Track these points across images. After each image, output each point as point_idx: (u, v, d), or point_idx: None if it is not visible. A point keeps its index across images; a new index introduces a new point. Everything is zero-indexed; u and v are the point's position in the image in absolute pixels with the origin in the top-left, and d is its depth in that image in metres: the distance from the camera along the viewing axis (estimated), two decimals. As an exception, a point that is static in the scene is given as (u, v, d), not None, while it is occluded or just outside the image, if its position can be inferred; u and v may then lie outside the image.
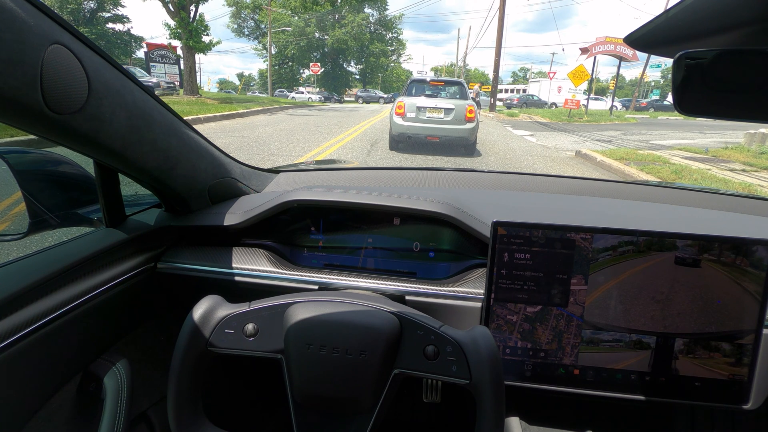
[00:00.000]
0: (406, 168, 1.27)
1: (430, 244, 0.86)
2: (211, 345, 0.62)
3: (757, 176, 7.00)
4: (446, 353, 0.59)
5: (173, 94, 19.35)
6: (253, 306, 0.65)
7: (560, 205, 0.99)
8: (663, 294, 0.68)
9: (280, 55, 50.31)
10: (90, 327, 0.70)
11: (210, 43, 18.72)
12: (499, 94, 28.65)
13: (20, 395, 0.59)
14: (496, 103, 24.10)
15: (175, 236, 0.91)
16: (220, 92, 44.29)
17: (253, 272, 0.83)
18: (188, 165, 0.77)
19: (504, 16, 20.94)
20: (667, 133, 15.25)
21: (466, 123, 7.46)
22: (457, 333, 0.61)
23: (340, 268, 0.87)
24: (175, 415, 0.60)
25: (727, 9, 0.36)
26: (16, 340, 0.56)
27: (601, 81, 61.60)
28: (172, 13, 17.58)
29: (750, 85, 0.41)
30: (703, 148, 10.14)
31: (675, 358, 0.69)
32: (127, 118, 0.59)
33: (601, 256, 0.69)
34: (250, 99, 26.39)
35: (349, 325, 0.61)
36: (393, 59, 58.15)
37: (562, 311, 0.71)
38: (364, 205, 0.83)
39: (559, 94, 35.30)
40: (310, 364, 0.60)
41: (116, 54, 38.68)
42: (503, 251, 0.71)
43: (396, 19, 53.12)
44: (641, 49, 0.48)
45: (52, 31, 0.47)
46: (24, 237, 0.74)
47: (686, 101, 0.45)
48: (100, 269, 0.73)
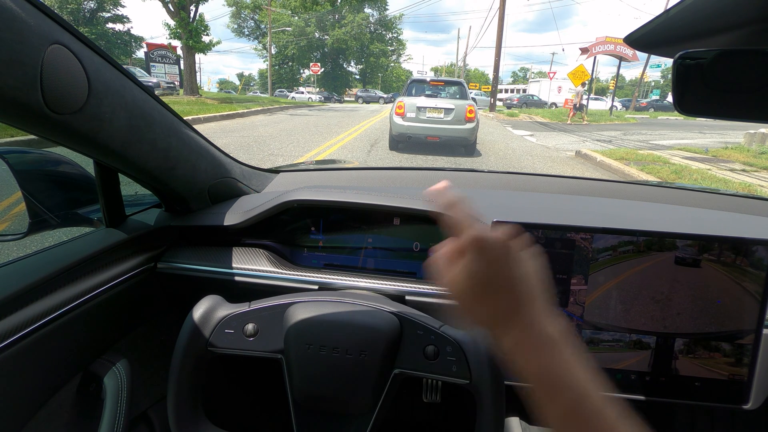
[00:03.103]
0: (406, 168, 1.27)
1: (430, 244, 0.86)
2: (211, 345, 0.62)
3: (757, 176, 6.99)
4: (446, 353, 0.59)
5: (173, 94, 19.34)
6: (253, 306, 0.65)
7: (560, 205, 0.99)
8: (663, 294, 0.68)
9: (280, 55, 50.31)
10: (90, 327, 0.70)
11: (210, 43, 18.72)
12: (499, 94, 28.64)
13: (20, 395, 0.59)
14: (496, 103, 24.10)
15: (175, 236, 0.91)
16: (220, 92, 44.28)
17: (253, 272, 0.83)
18: (188, 165, 0.77)
19: (504, 16, 20.94)
20: (667, 133, 15.24)
21: (466, 123, 7.46)
22: (457, 333, 0.61)
23: (340, 268, 0.87)
24: (175, 415, 0.60)
25: (727, 9, 0.37)
26: (16, 340, 0.56)
27: (601, 81, 61.62)
28: (172, 13, 17.58)
29: (750, 85, 0.41)
30: (703, 148, 10.14)
31: (675, 358, 0.69)
32: (127, 118, 0.59)
33: (601, 256, 0.69)
34: (250, 99, 26.38)
35: (349, 325, 0.61)
36: (393, 59, 58.17)
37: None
38: (364, 205, 0.83)
39: (559, 94, 35.31)
40: (310, 364, 0.60)
41: (116, 54, 38.68)
42: None
43: (396, 19, 53.16)
44: (641, 49, 0.48)
45: (52, 31, 0.47)
46: (24, 237, 0.74)
47: (686, 101, 0.45)
48: (100, 269, 0.73)
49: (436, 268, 0.42)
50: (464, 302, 0.40)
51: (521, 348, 0.37)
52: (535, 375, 0.36)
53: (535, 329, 0.37)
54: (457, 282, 0.39)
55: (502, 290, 0.38)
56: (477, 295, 0.39)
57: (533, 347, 0.37)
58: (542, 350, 0.37)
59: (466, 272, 0.39)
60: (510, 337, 0.38)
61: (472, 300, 0.39)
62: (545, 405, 0.36)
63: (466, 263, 0.39)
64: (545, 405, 0.36)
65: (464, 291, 0.39)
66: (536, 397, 0.37)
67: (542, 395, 0.37)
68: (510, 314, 0.38)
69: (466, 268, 0.39)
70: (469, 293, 0.39)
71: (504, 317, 0.38)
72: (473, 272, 0.38)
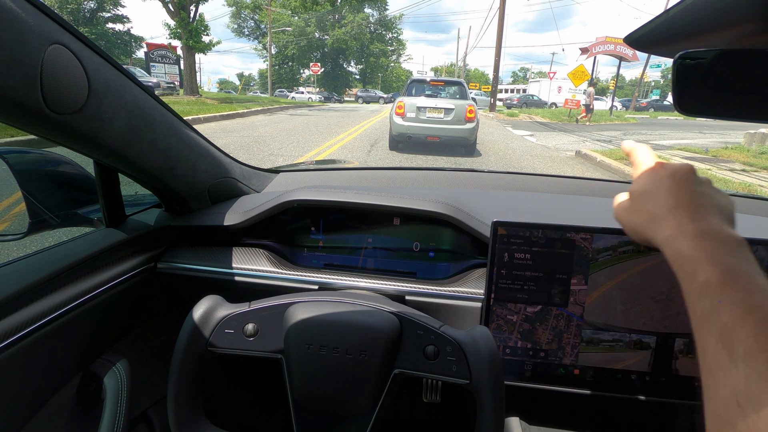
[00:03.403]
0: (406, 168, 1.28)
1: (430, 244, 0.86)
2: (211, 345, 0.62)
3: (757, 176, 7.00)
4: (446, 353, 0.59)
5: (173, 94, 19.35)
6: (253, 306, 0.65)
7: (560, 205, 0.99)
8: (663, 294, 0.68)
9: (280, 55, 50.31)
10: (90, 327, 0.70)
11: (210, 43, 18.73)
12: (499, 94, 28.64)
13: (20, 395, 0.59)
14: (496, 103, 24.10)
15: (175, 236, 0.91)
16: (220, 92, 44.28)
17: (253, 272, 0.83)
18: (188, 165, 0.77)
19: (504, 16, 20.94)
20: (667, 133, 15.25)
21: (466, 123, 7.46)
22: (457, 333, 0.61)
23: (340, 268, 0.87)
24: (175, 415, 0.60)
25: (727, 9, 0.36)
26: (16, 340, 0.56)
27: (601, 81, 61.60)
28: (172, 13, 17.58)
29: (750, 85, 0.41)
30: (703, 148, 10.14)
31: (675, 358, 0.69)
32: (127, 118, 0.59)
33: (601, 256, 0.69)
34: (250, 99, 26.40)
35: (349, 325, 0.61)
36: (393, 59, 58.20)
37: (562, 311, 0.71)
38: (364, 205, 0.83)
39: (559, 94, 35.30)
40: (310, 364, 0.60)
41: (116, 54, 38.71)
42: (503, 251, 0.71)
43: (396, 19, 53.18)
44: (641, 49, 0.48)
45: (52, 31, 0.47)
46: (24, 237, 0.74)
47: (686, 101, 0.45)
48: (100, 269, 0.73)
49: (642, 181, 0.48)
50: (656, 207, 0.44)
51: (705, 243, 0.38)
52: (718, 272, 0.35)
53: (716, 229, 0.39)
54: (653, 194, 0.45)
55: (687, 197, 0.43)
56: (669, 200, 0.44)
57: (717, 243, 0.38)
58: (725, 247, 0.37)
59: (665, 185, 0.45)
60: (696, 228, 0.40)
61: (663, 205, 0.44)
62: (723, 297, 0.34)
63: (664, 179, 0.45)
64: (723, 297, 0.34)
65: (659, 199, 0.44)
66: (711, 293, 0.35)
67: (721, 290, 0.34)
68: (693, 213, 0.41)
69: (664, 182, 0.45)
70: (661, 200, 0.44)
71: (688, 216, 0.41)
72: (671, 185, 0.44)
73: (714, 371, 0.31)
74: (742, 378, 0.29)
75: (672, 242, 0.41)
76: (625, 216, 0.49)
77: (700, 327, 0.34)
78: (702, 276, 0.36)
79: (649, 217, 0.45)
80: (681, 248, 0.39)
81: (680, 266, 0.39)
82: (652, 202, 0.45)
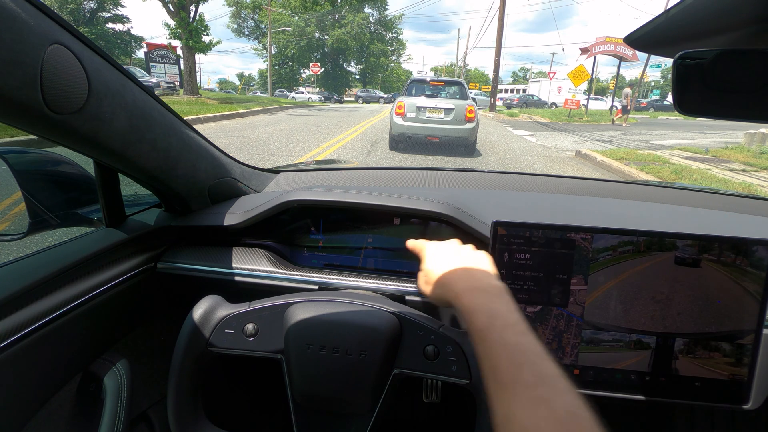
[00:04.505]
0: (406, 168, 1.27)
1: None
2: (211, 345, 0.62)
3: (757, 176, 7.00)
4: (446, 353, 0.59)
5: (173, 94, 19.35)
6: (253, 306, 0.65)
7: (560, 205, 0.99)
8: (663, 294, 0.68)
9: (280, 55, 50.32)
10: (90, 327, 0.70)
11: (210, 43, 18.72)
12: (499, 94, 28.64)
13: (20, 395, 0.59)
14: (496, 103, 24.09)
15: (175, 236, 0.91)
16: (220, 92, 44.28)
17: (253, 272, 0.83)
18: (188, 165, 0.77)
19: (504, 16, 20.94)
20: (667, 133, 15.25)
21: (466, 123, 7.46)
22: (457, 333, 0.61)
23: (340, 268, 0.87)
24: (175, 415, 0.60)
25: (727, 9, 0.37)
26: (16, 340, 0.56)
27: (601, 81, 61.60)
28: (172, 13, 17.58)
29: (750, 85, 0.41)
30: (703, 148, 10.14)
31: (675, 358, 0.69)
32: (127, 118, 0.59)
33: (601, 256, 0.69)
34: (250, 99, 26.40)
35: (349, 325, 0.61)
36: (393, 59, 58.18)
37: (562, 311, 0.71)
38: (364, 205, 0.83)
39: (559, 94, 35.28)
40: (310, 364, 0.60)
41: (116, 54, 38.72)
42: (503, 251, 0.71)
43: (396, 19, 53.17)
44: (641, 49, 0.48)
45: (52, 31, 0.47)
46: (24, 237, 0.74)
47: (686, 101, 0.45)
48: (100, 269, 0.73)
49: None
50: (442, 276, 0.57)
51: (472, 293, 0.50)
52: (475, 309, 0.47)
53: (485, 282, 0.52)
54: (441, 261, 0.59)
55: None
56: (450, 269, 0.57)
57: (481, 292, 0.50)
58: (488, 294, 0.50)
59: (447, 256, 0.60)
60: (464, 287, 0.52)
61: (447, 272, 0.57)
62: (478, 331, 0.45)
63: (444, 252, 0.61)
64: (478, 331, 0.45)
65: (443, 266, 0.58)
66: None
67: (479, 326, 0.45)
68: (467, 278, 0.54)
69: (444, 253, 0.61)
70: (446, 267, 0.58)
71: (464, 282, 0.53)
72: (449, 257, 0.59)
73: (492, 399, 0.39)
74: (508, 403, 0.37)
75: (458, 299, 0.51)
76: (427, 288, 0.60)
77: (481, 364, 0.43)
78: (477, 323, 0.45)
79: (441, 285, 0.56)
80: (463, 302, 0.49)
81: (467, 318, 0.47)
82: (438, 273, 0.57)
